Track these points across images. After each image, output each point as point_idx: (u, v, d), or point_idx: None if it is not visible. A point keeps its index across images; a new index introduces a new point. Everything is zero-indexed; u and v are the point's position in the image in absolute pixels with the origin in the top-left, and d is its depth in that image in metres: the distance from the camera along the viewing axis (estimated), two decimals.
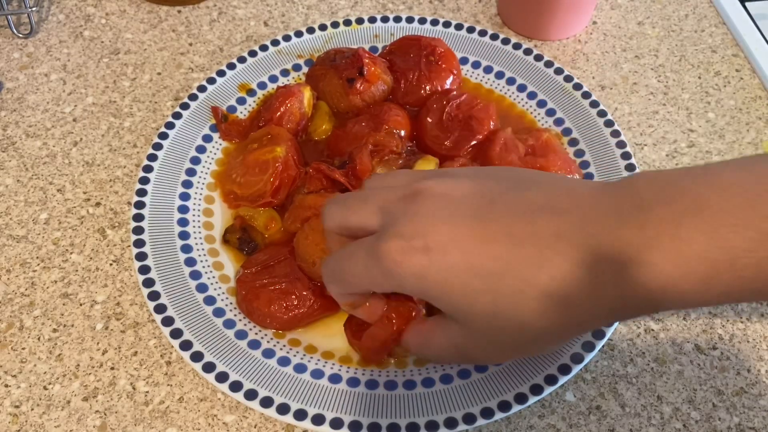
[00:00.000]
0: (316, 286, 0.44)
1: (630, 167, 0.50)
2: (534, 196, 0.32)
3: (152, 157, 0.51)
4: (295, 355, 0.43)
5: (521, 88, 0.56)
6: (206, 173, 0.52)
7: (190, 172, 0.51)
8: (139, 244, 0.46)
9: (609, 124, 0.52)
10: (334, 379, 0.42)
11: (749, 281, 0.27)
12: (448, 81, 0.55)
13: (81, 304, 0.47)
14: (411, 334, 0.39)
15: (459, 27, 0.59)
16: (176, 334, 0.42)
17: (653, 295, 0.29)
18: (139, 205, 0.48)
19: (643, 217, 0.29)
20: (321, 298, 0.44)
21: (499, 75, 0.57)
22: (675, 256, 0.27)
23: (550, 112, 0.54)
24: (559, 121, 0.54)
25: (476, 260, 0.31)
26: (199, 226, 0.49)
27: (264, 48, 0.58)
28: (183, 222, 0.49)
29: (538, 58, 0.57)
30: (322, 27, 0.60)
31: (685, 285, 0.28)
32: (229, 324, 0.44)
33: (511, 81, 0.57)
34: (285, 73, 0.58)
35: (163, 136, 0.52)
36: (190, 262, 0.47)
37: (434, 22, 0.60)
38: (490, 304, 0.31)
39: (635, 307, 0.30)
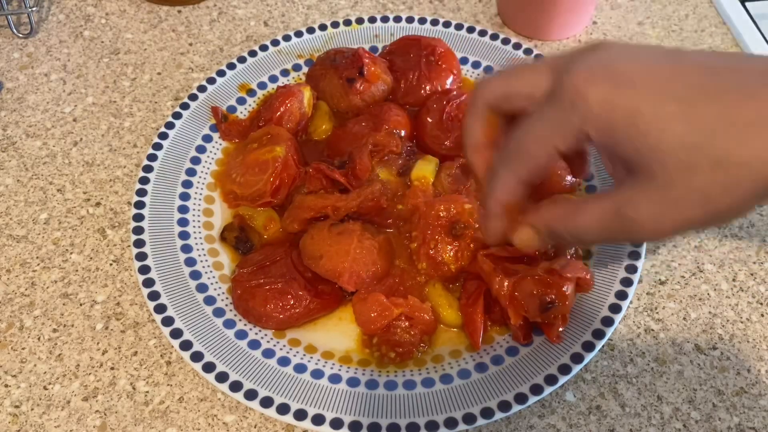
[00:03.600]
0: (312, 285, 0.44)
1: None
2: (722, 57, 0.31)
3: (152, 157, 0.51)
4: (295, 355, 0.43)
5: None
6: (206, 173, 0.52)
7: (190, 172, 0.51)
8: (139, 244, 0.46)
9: None
10: (334, 379, 0.42)
11: None
12: (448, 81, 0.55)
13: (81, 304, 0.47)
14: (557, 207, 0.35)
15: (459, 27, 0.59)
16: (176, 334, 0.42)
17: None
18: (139, 205, 0.48)
19: None
20: (317, 298, 0.44)
21: None
22: None
23: None
24: None
25: (669, 86, 0.29)
26: (199, 226, 0.49)
27: (264, 48, 0.58)
28: (183, 222, 0.49)
29: (539, 58, 0.57)
30: (322, 27, 0.60)
31: None
32: (229, 324, 0.44)
33: None
34: (285, 73, 0.58)
35: (163, 136, 0.52)
36: (190, 262, 0.47)
37: (434, 22, 0.60)
38: (683, 133, 0.28)
39: None
